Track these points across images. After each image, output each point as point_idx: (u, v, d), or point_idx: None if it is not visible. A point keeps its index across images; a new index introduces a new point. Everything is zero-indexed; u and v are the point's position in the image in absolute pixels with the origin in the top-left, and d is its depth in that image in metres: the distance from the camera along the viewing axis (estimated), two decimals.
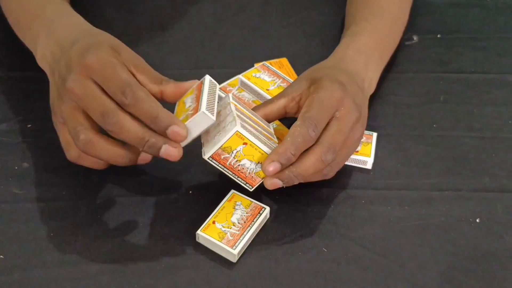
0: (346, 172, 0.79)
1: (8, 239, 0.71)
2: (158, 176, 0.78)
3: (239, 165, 0.71)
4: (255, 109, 0.75)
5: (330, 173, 0.73)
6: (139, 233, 0.72)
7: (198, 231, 0.70)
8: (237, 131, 0.67)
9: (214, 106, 0.69)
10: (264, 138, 0.71)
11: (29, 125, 0.83)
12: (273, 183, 0.70)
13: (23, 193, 0.75)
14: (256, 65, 0.89)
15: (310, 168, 0.70)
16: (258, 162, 0.71)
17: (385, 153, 0.82)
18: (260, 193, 0.76)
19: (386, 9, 0.90)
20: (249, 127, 0.69)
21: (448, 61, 0.96)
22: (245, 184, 0.73)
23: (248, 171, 0.72)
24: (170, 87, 0.70)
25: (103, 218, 0.73)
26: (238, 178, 0.72)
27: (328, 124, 0.71)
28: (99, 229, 0.72)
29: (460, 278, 0.69)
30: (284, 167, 0.69)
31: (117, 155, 0.69)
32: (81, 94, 0.66)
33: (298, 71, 0.90)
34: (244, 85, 0.86)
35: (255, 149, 0.69)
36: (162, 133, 0.66)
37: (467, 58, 0.97)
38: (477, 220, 0.75)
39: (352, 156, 0.79)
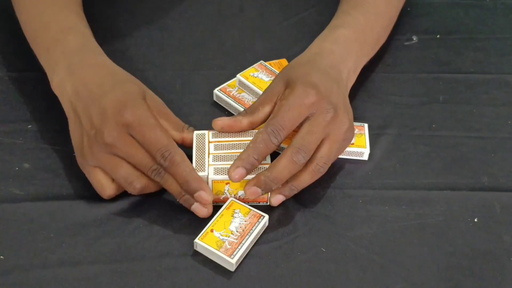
0: (344, 172, 0.79)
1: (8, 240, 0.71)
2: None
3: (239, 196, 0.74)
4: (242, 115, 0.76)
5: (321, 169, 0.74)
6: (139, 233, 0.72)
7: (196, 240, 0.70)
8: (212, 180, 0.72)
9: (204, 159, 0.74)
10: None
11: (29, 126, 0.83)
12: (252, 192, 0.71)
13: (23, 193, 0.75)
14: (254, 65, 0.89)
15: (284, 170, 0.71)
16: None
17: (384, 152, 0.82)
18: None
19: (370, 3, 0.90)
20: (226, 166, 0.72)
21: (447, 62, 0.97)
22: (258, 203, 0.75)
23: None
24: (190, 135, 0.76)
25: (103, 218, 0.73)
26: (251, 203, 0.74)
27: (300, 125, 0.72)
28: (99, 229, 0.72)
29: (458, 277, 0.70)
30: (249, 172, 0.71)
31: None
32: (127, 151, 0.71)
33: None
34: (242, 85, 0.86)
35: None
36: (191, 195, 0.71)
37: (466, 58, 0.97)
38: (475, 220, 0.75)
39: (348, 149, 0.79)
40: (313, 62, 0.79)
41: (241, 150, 0.73)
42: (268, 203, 0.75)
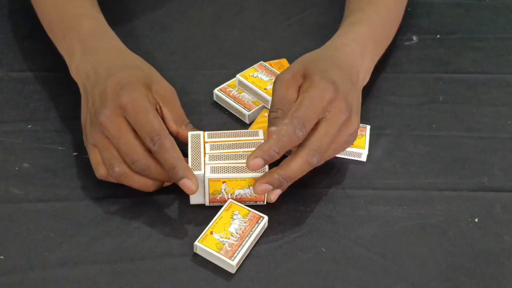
0: (345, 172, 0.79)
1: (8, 240, 0.71)
2: None
3: (236, 196, 0.74)
4: (278, 113, 0.74)
5: (317, 165, 0.74)
6: (139, 233, 0.72)
7: (196, 242, 0.70)
8: (209, 178, 0.71)
9: (200, 158, 0.73)
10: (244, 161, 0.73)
11: (29, 126, 0.83)
12: (262, 188, 0.71)
13: (23, 193, 0.75)
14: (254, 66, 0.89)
15: (298, 171, 0.71)
16: (249, 186, 0.73)
17: (384, 153, 0.82)
18: None
19: (381, 0, 0.90)
20: (222, 165, 0.72)
21: (447, 62, 0.96)
22: (255, 203, 0.75)
23: (248, 195, 0.74)
24: (187, 132, 0.76)
25: (103, 218, 0.73)
26: (248, 203, 0.74)
27: (316, 125, 0.72)
28: (99, 229, 0.72)
29: (459, 277, 0.70)
30: (267, 163, 0.70)
31: (147, 185, 0.74)
32: (113, 133, 0.71)
33: None
34: (241, 85, 0.86)
35: (236, 180, 0.72)
36: (176, 182, 0.71)
37: (467, 58, 0.97)
38: (476, 220, 0.75)
39: (347, 149, 0.79)
40: (334, 59, 0.78)
41: (238, 150, 0.73)
42: (265, 202, 0.75)
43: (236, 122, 0.85)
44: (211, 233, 0.70)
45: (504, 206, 0.76)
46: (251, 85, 0.85)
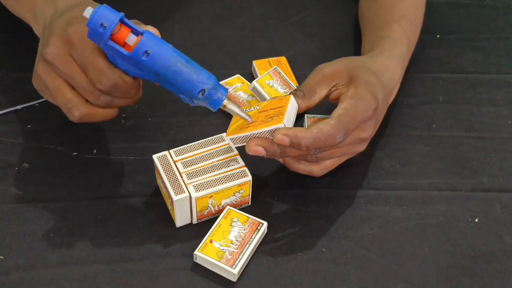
0: (345, 172, 0.79)
1: (8, 240, 0.71)
2: None
3: (222, 206, 0.73)
4: (299, 96, 0.74)
5: (315, 171, 0.75)
6: (139, 233, 0.72)
7: (196, 252, 0.69)
8: (196, 198, 0.70)
9: (178, 180, 0.71)
10: (225, 170, 0.72)
11: (29, 126, 0.83)
12: (255, 150, 0.69)
13: (23, 193, 0.75)
14: (268, 71, 0.88)
15: (296, 155, 0.71)
16: (234, 193, 0.73)
17: (384, 153, 0.82)
18: (259, 195, 0.76)
19: (412, 13, 0.89)
20: (205, 180, 0.71)
21: (447, 61, 0.97)
22: (241, 206, 0.75)
23: (234, 202, 0.74)
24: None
25: (103, 219, 0.73)
26: (237, 207, 0.74)
27: None
28: (99, 229, 0.72)
29: (459, 277, 0.70)
30: (290, 146, 0.67)
31: (109, 115, 0.72)
32: (65, 71, 0.68)
33: (297, 71, 0.91)
34: (255, 91, 0.85)
35: (222, 191, 0.71)
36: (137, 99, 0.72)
37: (467, 58, 0.97)
38: (476, 220, 0.75)
39: None
40: (379, 76, 0.76)
41: (212, 160, 0.73)
42: (249, 204, 0.75)
43: None
44: (211, 241, 0.70)
45: (504, 206, 0.77)
46: (267, 96, 0.84)
